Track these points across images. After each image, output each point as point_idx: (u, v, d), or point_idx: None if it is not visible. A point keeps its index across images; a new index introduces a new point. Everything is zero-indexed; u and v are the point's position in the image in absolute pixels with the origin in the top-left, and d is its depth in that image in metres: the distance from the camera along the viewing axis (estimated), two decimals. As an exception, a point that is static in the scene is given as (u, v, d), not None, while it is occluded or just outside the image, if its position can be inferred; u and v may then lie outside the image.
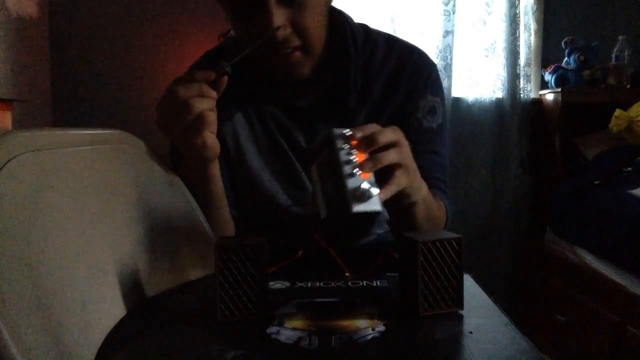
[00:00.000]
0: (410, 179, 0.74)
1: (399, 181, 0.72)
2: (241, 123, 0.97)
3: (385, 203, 0.70)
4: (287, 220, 0.97)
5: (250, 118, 0.97)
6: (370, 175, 0.66)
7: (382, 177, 0.70)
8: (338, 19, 0.97)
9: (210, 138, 0.78)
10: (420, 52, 1.01)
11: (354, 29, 0.97)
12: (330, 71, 0.96)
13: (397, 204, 0.78)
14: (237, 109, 0.97)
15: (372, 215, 0.70)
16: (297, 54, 0.88)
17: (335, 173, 0.65)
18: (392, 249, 0.84)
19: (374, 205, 0.64)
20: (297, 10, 0.85)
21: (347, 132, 0.68)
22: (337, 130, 0.68)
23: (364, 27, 1.01)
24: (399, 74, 0.97)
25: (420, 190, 0.80)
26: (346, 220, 0.64)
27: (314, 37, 0.89)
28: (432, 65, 1.01)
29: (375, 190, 0.64)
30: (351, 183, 0.63)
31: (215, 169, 0.85)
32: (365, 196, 0.63)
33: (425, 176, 0.93)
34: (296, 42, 0.87)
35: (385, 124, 0.78)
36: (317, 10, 0.89)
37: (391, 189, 0.71)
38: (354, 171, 0.64)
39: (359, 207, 0.63)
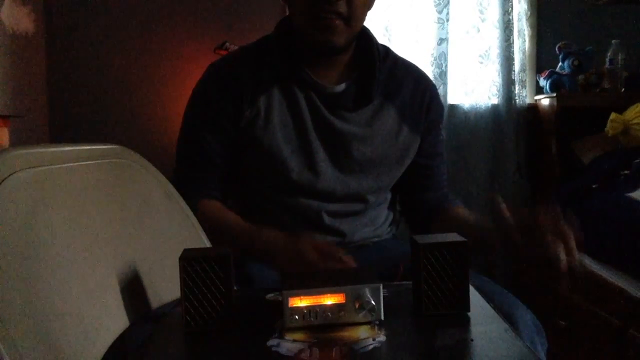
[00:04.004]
0: None
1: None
2: (276, 97, 1.06)
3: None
4: (296, 199, 1.07)
5: (283, 94, 1.07)
6: None
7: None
8: (364, 28, 1.11)
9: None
10: (427, 75, 1.23)
11: (376, 41, 1.13)
12: (358, 65, 1.10)
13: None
14: (275, 84, 1.07)
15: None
16: (339, 22, 0.99)
17: None
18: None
19: None
20: None
21: None
22: None
23: (384, 47, 1.16)
24: (417, 89, 1.15)
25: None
26: None
27: (358, 10, 1.01)
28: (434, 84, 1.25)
29: None
30: None
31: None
32: None
33: (438, 179, 1.19)
34: (343, 8, 0.97)
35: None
36: None
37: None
38: None
39: None
